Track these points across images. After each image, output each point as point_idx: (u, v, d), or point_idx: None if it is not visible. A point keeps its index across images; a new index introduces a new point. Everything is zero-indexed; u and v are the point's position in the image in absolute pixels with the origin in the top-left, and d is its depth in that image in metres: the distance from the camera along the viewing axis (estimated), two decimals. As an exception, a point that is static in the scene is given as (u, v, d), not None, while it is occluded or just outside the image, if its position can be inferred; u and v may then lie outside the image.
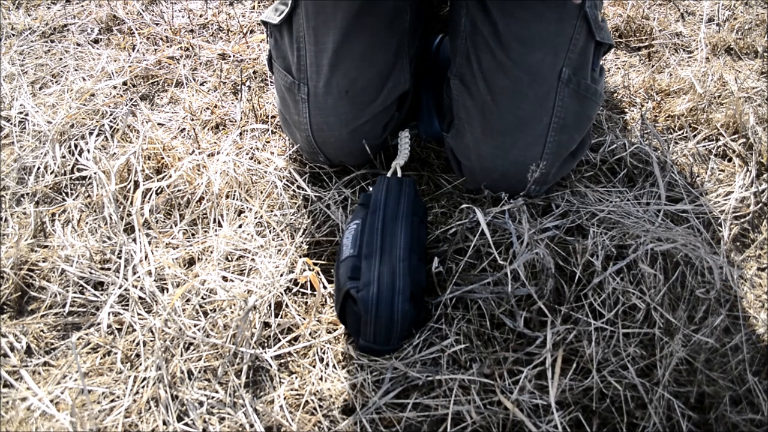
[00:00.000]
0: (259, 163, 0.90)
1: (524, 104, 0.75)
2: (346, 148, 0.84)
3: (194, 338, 0.68)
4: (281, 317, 0.72)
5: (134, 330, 0.70)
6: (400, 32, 0.81)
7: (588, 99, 0.78)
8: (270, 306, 0.72)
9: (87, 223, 0.82)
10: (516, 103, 0.76)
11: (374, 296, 0.65)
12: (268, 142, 0.95)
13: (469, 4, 0.79)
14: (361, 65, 0.78)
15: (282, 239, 0.80)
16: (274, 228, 0.81)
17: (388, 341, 0.67)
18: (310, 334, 0.70)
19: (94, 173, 0.86)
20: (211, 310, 0.71)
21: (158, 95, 1.06)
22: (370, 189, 0.80)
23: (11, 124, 0.97)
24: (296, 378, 0.67)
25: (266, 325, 0.71)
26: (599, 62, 0.81)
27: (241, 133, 0.96)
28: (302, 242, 0.81)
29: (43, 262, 0.78)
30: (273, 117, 0.99)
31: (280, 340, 0.70)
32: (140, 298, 0.73)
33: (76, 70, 1.09)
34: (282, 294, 0.74)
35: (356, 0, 0.75)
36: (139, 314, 0.71)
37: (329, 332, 0.71)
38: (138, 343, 0.68)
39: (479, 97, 0.78)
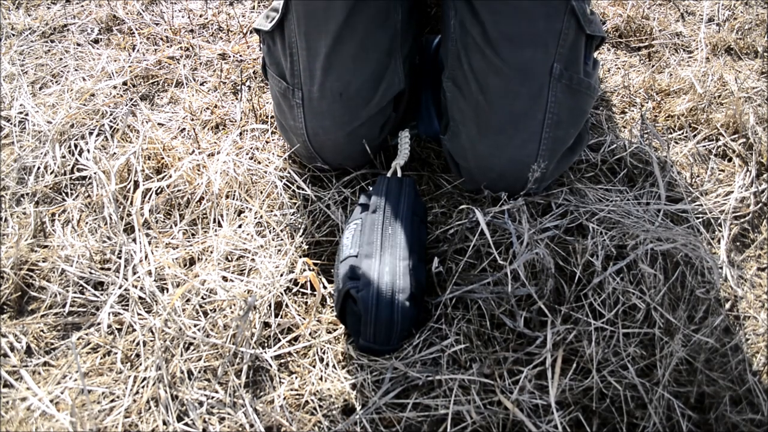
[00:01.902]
0: (259, 163, 0.90)
1: (517, 102, 0.76)
2: (344, 152, 0.84)
3: (194, 338, 0.68)
4: (281, 317, 0.72)
5: (134, 330, 0.70)
6: (391, 32, 0.81)
7: (582, 93, 0.78)
8: (270, 306, 0.72)
9: (87, 223, 0.82)
10: (509, 101, 0.76)
11: (374, 296, 0.65)
12: (268, 142, 0.95)
13: (457, 6, 0.79)
14: (353, 67, 0.78)
15: (282, 239, 0.80)
16: (274, 228, 0.81)
17: (388, 341, 0.67)
18: (310, 334, 0.70)
19: (94, 173, 0.86)
20: (211, 310, 0.71)
21: (158, 95, 1.06)
22: (370, 189, 0.80)
23: (11, 124, 0.97)
24: (296, 378, 0.67)
25: (266, 325, 0.71)
26: (592, 55, 0.81)
27: (241, 133, 0.96)
28: (302, 242, 0.81)
29: (43, 262, 0.78)
30: (273, 117, 0.99)
31: (280, 340, 0.70)
32: (140, 298, 0.73)
33: (76, 70, 1.09)
34: (282, 294, 0.74)
35: (347, 2, 0.76)
36: (139, 314, 0.71)
37: (329, 332, 0.71)
38: (138, 343, 0.68)
39: (472, 97, 0.78)
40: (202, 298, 0.72)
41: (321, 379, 0.66)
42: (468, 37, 0.77)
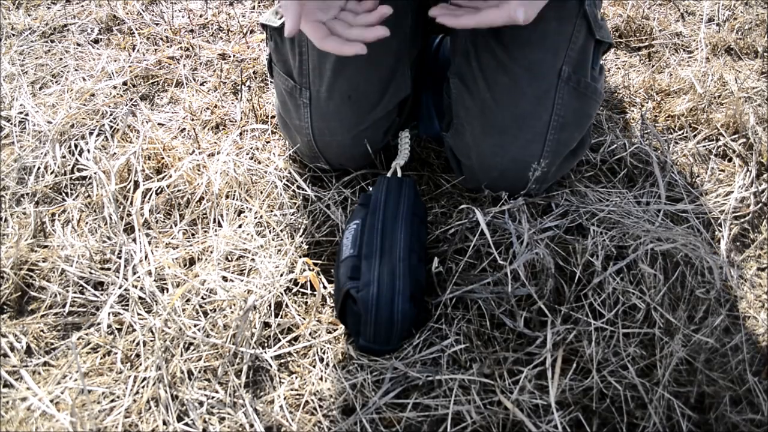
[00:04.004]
0: (259, 163, 0.90)
1: (523, 102, 0.75)
2: (348, 153, 0.84)
3: (194, 338, 0.68)
4: (281, 317, 0.72)
5: (134, 330, 0.70)
6: (401, 36, 0.81)
7: (588, 97, 0.78)
8: (270, 306, 0.72)
9: (87, 223, 0.82)
10: (515, 101, 0.76)
11: (374, 296, 0.65)
12: (268, 142, 0.95)
13: None
14: (364, 70, 0.78)
15: (282, 239, 0.80)
16: (274, 228, 0.81)
17: (388, 341, 0.67)
18: (310, 334, 0.70)
19: (94, 173, 0.86)
20: (211, 310, 0.71)
21: (158, 95, 1.06)
22: (370, 189, 0.80)
23: (11, 124, 0.97)
24: (296, 378, 0.67)
25: (266, 325, 0.71)
26: (599, 60, 0.81)
27: (241, 133, 0.96)
28: (302, 242, 0.81)
29: (43, 262, 0.78)
30: (273, 117, 0.99)
31: (280, 340, 0.70)
32: (140, 298, 0.73)
33: (76, 70, 1.09)
34: (282, 294, 0.74)
35: None
36: (139, 314, 0.71)
37: (329, 332, 0.71)
38: (138, 343, 0.68)
39: (479, 95, 0.78)
40: (202, 298, 0.72)
41: (321, 379, 0.66)
42: (478, 36, 0.77)
